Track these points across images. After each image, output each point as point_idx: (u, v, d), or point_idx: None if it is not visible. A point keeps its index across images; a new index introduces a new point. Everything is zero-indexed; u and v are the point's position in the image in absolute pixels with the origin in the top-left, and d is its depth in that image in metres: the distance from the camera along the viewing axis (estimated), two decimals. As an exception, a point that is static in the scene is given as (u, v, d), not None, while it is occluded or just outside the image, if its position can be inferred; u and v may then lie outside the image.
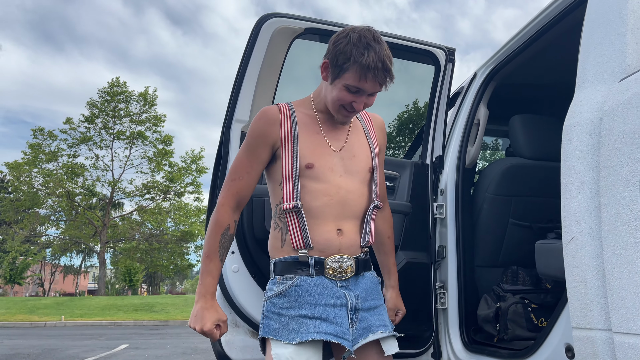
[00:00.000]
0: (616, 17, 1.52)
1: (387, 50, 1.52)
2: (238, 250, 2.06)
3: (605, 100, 1.40)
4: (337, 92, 1.54)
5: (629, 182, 1.24)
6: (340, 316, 1.54)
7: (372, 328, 1.58)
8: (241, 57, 2.15)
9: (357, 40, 1.48)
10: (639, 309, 1.19)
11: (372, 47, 1.47)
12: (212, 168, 2.18)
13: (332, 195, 1.59)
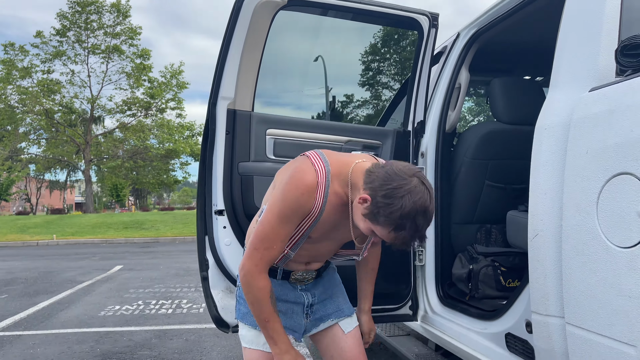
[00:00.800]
0: (593, 20, 1.55)
1: (428, 220, 1.45)
2: (230, 226, 2.19)
3: (574, 108, 1.47)
4: (364, 225, 1.52)
5: (588, 196, 1.36)
6: (296, 312, 1.81)
7: (324, 318, 1.86)
8: (224, 33, 2.13)
9: (406, 213, 1.40)
10: (589, 307, 1.36)
11: (414, 222, 1.42)
12: (201, 143, 2.24)
13: (316, 252, 1.78)
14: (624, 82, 1.33)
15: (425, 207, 1.42)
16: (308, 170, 1.54)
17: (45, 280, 8.44)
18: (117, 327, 5.01)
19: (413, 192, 1.40)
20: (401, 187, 1.40)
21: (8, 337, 4.70)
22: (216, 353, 4.10)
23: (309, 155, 1.60)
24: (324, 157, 1.58)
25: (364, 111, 16.70)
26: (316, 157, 1.58)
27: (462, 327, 2.24)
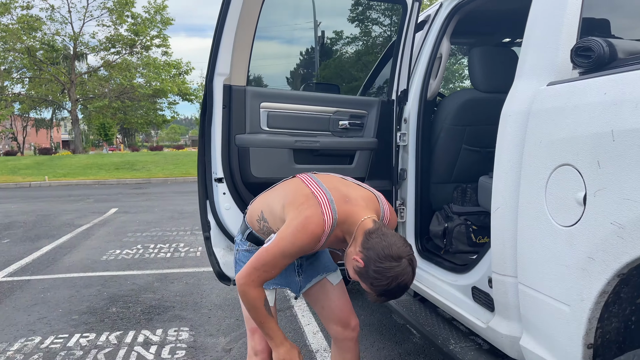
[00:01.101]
0: (555, 18, 1.72)
1: (405, 291, 1.71)
2: (229, 192, 2.41)
3: (533, 99, 1.68)
4: (352, 274, 1.76)
5: (539, 181, 1.59)
6: (289, 271, 2.07)
7: (314, 274, 2.13)
8: (219, 12, 2.25)
9: (390, 290, 1.66)
10: (536, 271, 1.63)
11: (394, 294, 1.69)
12: (200, 116, 2.42)
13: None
14: (574, 82, 1.53)
15: (406, 285, 1.68)
16: (318, 221, 1.73)
17: (44, 224, 8.71)
18: (120, 272, 5.33)
19: (400, 275, 1.64)
20: (391, 269, 1.63)
21: (17, 282, 5.01)
22: (215, 295, 4.45)
23: (320, 203, 1.77)
24: (333, 206, 1.76)
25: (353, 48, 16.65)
26: (327, 206, 1.76)
27: (436, 278, 2.54)
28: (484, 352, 2.11)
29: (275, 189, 2.02)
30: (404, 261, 1.65)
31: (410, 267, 1.67)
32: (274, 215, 1.89)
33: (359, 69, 14.21)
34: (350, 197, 1.83)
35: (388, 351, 3.21)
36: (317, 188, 1.82)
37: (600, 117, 1.36)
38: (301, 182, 1.90)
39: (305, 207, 1.76)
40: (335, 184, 1.89)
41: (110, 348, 3.32)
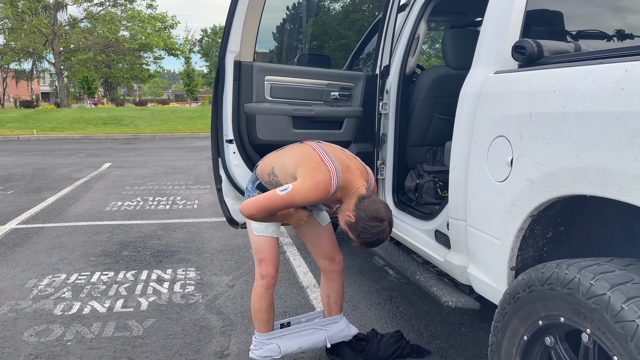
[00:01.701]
0: (504, 16, 2.19)
1: (380, 243, 2.25)
2: (238, 152, 2.89)
3: (483, 84, 2.17)
4: (343, 225, 2.29)
5: (483, 147, 2.10)
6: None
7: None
8: (230, 1, 2.67)
9: (373, 241, 2.22)
10: (479, 215, 2.17)
11: (375, 244, 2.25)
12: (213, 87, 2.87)
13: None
14: (511, 73, 2.02)
15: (384, 239, 2.24)
16: (326, 186, 2.22)
17: (42, 177, 9.09)
18: (126, 221, 5.83)
19: (381, 232, 2.20)
20: (375, 227, 2.18)
21: (32, 228, 5.48)
22: (215, 242, 4.99)
23: (330, 172, 2.24)
24: (339, 175, 2.26)
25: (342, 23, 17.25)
26: (335, 175, 2.24)
27: (408, 224, 3.08)
28: (441, 280, 2.67)
29: (287, 151, 2.49)
30: (385, 222, 2.21)
31: (390, 227, 2.24)
32: (285, 172, 2.37)
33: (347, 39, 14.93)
34: (350, 168, 2.34)
35: (367, 287, 3.80)
36: (327, 158, 2.31)
37: (524, 102, 1.86)
38: (313, 150, 2.37)
39: (318, 172, 2.24)
40: (339, 155, 2.38)
41: (128, 284, 3.85)
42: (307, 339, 2.66)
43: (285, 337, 2.61)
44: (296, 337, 2.64)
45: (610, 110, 1.47)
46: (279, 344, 2.56)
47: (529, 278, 1.69)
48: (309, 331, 2.69)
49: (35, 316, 3.26)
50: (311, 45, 17.64)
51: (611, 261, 1.53)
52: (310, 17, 17.78)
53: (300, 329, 2.69)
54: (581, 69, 1.66)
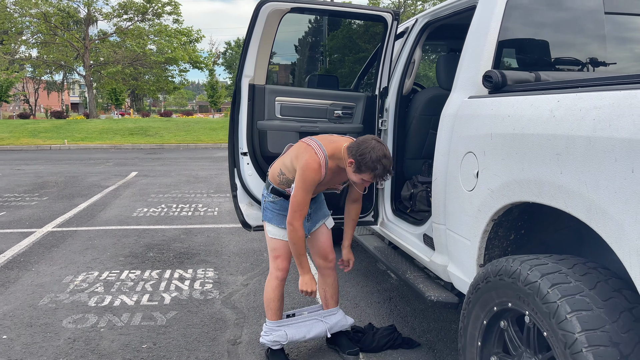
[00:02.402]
0: (478, 47, 2.55)
1: (390, 160, 2.54)
2: (251, 163, 3.29)
3: (459, 107, 2.52)
4: (356, 178, 2.63)
5: (457, 161, 2.45)
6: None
7: (318, 220, 3.02)
8: (246, 31, 3.08)
9: (375, 158, 2.51)
10: (454, 220, 2.51)
11: (381, 163, 2.52)
12: (230, 106, 3.28)
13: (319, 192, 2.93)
14: (480, 99, 2.37)
15: (384, 153, 2.55)
16: (314, 158, 2.63)
17: (74, 184, 9.67)
18: (151, 226, 6.28)
19: (374, 148, 2.54)
20: (366, 147, 2.55)
21: (67, 231, 5.97)
22: (232, 246, 5.39)
23: (312, 146, 2.66)
24: (321, 146, 2.66)
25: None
26: (317, 147, 2.66)
27: (403, 229, 3.42)
28: (428, 278, 3.01)
29: (287, 153, 2.90)
30: (372, 141, 2.56)
31: (380, 143, 2.56)
32: (287, 168, 2.78)
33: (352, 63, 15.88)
34: (334, 139, 2.76)
35: (369, 288, 4.14)
36: (310, 140, 2.74)
37: (487, 124, 2.21)
38: (301, 142, 2.79)
39: (303, 153, 2.66)
40: (324, 137, 2.79)
41: (153, 281, 4.27)
42: (311, 329, 3.02)
43: (292, 325, 2.98)
44: (301, 326, 3.00)
45: (544, 133, 1.82)
46: (286, 331, 2.93)
47: (486, 271, 2.03)
48: (312, 322, 3.05)
49: (72, 307, 3.69)
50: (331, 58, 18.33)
51: (550, 257, 1.87)
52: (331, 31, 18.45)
53: (304, 319, 3.05)
54: (528, 97, 2.01)
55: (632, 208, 1.43)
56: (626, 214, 1.45)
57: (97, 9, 29.55)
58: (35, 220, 6.55)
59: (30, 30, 29.19)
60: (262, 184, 3.32)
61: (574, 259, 1.82)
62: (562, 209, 1.74)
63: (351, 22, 17.79)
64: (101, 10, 29.79)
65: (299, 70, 12.29)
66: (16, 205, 7.61)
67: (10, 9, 27.49)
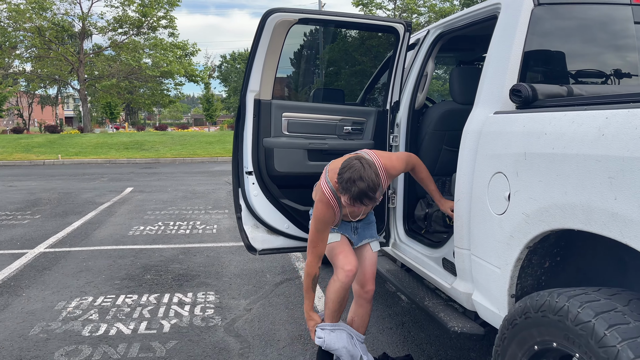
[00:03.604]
0: (503, 61, 2.37)
1: (368, 183, 2.33)
2: (257, 183, 3.09)
3: (484, 123, 2.34)
4: (343, 200, 2.48)
5: (484, 182, 2.27)
6: (347, 228, 2.86)
7: (363, 237, 2.90)
8: (251, 43, 2.90)
9: (348, 179, 2.36)
10: (481, 245, 2.32)
11: (356, 185, 2.34)
12: (235, 122, 3.09)
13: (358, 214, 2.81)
14: (509, 114, 2.19)
15: (360, 175, 2.34)
16: (323, 197, 2.59)
17: (67, 201, 9.42)
18: (148, 245, 6.05)
19: (352, 168, 2.38)
20: (344, 167, 2.41)
21: (60, 252, 5.73)
22: (233, 267, 5.17)
23: (324, 189, 2.59)
24: (329, 181, 2.57)
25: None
26: (324, 184, 2.57)
27: (418, 252, 3.23)
28: (448, 306, 2.80)
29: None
30: (356, 161, 2.40)
31: (361, 163, 2.38)
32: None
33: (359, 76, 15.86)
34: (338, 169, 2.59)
35: (380, 312, 3.92)
36: (322, 178, 2.65)
37: (520, 142, 2.03)
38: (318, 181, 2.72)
39: (317, 195, 2.70)
40: (336, 164, 2.62)
41: (151, 306, 4.03)
42: (348, 348, 2.77)
43: (335, 332, 2.78)
44: (342, 337, 2.77)
45: (592, 153, 1.64)
46: (325, 336, 2.75)
47: (524, 305, 1.83)
48: (353, 341, 2.82)
49: (65, 337, 3.46)
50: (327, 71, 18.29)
51: (598, 291, 1.67)
52: (327, 43, 18.42)
53: (351, 335, 2.84)
54: (569, 114, 1.82)
55: None
56: None
57: (92, 23, 29.46)
58: (26, 240, 6.31)
59: (24, 44, 29.03)
60: (268, 204, 3.13)
61: (627, 294, 1.62)
62: (617, 239, 1.55)
63: (348, 34, 17.79)
64: (96, 24, 29.75)
65: (302, 83, 12.20)
66: (7, 224, 7.36)
67: (4, 23, 27.37)
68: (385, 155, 2.73)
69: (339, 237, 2.81)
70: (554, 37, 2.51)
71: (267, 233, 3.22)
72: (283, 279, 4.75)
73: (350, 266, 2.69)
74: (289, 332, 3.55)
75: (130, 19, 29.14)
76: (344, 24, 3.18)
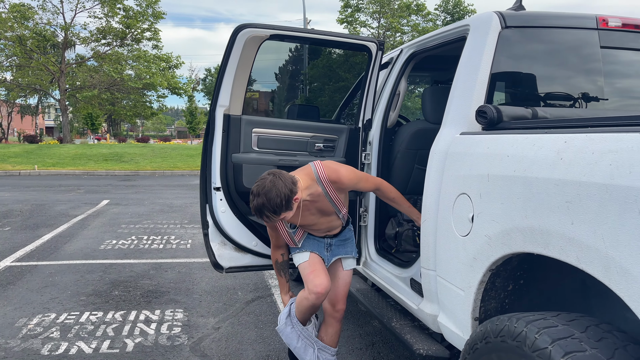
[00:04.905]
0: (470, 82, 2.38)
1: (263, 201, 2.36)
2: (225, 199, 3.03)
3: (450, 143, 2.33)
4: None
5: (449, 203, 2.25)
6: (321, 246, 2.86)
7: (337, 254, 2.88)
8: (222, 58, 2.87)
9: (251, 192, 2.42)
10: (446, 266, 2.29)
11: (254, 200, 2.40)
12: (203, 137, 3.04)
13: (318, 227, 2.81)
14: (474, 135, 2.19)
15: (260, 191, 2.37)
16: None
17: (40, 214, 9.21)
18: (119, 260, 5.92)
19: (260, 183, 2.40)
20: (258, 179, 2.44)
21: (26, 266, 5.57)
22: (205, 283, 5.07)
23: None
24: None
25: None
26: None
27: (387, 271, 3.19)
28: (415, 327, 2.76)
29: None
30: (269, 176, 2.42)
31: (270, 180, 2.39)
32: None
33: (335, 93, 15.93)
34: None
35: (350, 332, 3.87)
36: None
37: (483, 163, 2.01)
38: None
39: None
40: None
41: (116, 324, 3.92)
42: (300, 347, 2.82)
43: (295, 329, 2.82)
44: (298, 334, 2.83)
45: (551, 177, 1.63)
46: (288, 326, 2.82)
47: (485, 330, 1.80)
48: (306, 341, 2.83)
49: (22, 356, 3.33)
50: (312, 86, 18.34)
51: (557, 316, 1.65)
52: (312, 59, 18.49)
53: (306, 332, 2.84)
54: (530, 137, 1.82)
55: (664, 270, 1.23)
56: (656, 277, 1.25)
57: (74, 34, 29.21)
58: (-7, 253, 6.12)
59: (5, 52, 28.63)
60: (236, 221, 3.07)
61: (585, 320, 1.60)
62: (573, 264, 1.53)
63: (333, 51, 17.89)
64: (79, 34, 29.47)
65: (278, 99, 12.21)
66: (-25, 236, 7.15)
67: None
68: (332, 166, 2.67)
69: (307, 257, 2.78)
70: (521, 60, 2.52)
71: (235, 250, 3.16)
72: (255, 296, 4.67)
73: (321, 288, 2.64)
74: (257, 352, 3.47)
75: (113, 30, 28.99)
76: (316, 41, 3.17)
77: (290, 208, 2.42)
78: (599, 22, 2.54)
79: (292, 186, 2.41)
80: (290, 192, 2.39)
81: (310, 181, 2.58)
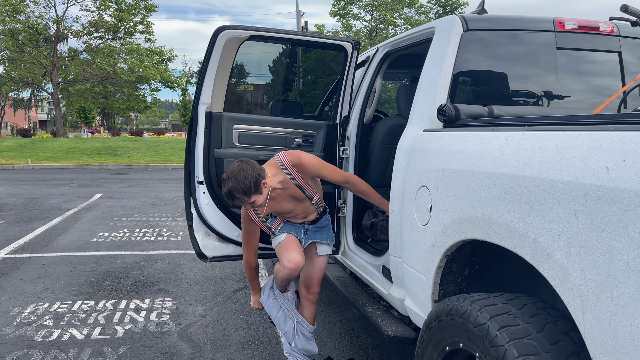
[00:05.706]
0: (434, 81, 2.54)
1: (233, 184, 2.52)
2: (207, 192, 3.20)
3: (414, 139, 2.51)
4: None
5: (412, 195, 2.42)
6: (298, 230, 3.02)
7: (313, 238, 3.06)
8: (203, 57, 3.03)
9: (222, 179, 2.61)
10: (410, 253, 2.47)
11: (225, 184, 2.57)
12: (187, 134, 3.20)
13: (294, 213, 2.96)
14: (434, 132, 2.36)
15: (228, 176, 2.55)
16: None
17: (34, 207, 9.35)
18: (111, 252, 6.08)
19: (229, 169, 2.59)
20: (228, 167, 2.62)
21: (20, 258, 5.72)
22: (194, 273, 5.24)
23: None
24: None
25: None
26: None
27: (363, 260, 3.37)
28: (386, 311, 2.95)
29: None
30: (238, 162, 2.60)
31: (238, 165, 2.57)
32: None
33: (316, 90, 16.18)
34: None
35: (332, 318, 4.06)
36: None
37: (440, 158, 2.19)
38: None
39: None
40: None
41: (107, 312, 4.09)
42: (280, 317, 3.06)
43: (277, 300, 3.07)
44: (279, 306, 3.07)
45: (493, 171, 1.80)
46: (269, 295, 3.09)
47: (438, 310, 1.99)
48: (287, 313, 3.07)
49: (17, 342, 3.50)
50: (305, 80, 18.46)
51: (500, 296, 1.83)
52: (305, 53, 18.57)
53: (287, 304, 3.08)
54: (479, 134, 1.99)
55: (575, 252, 1.41)
56: (569, 258, 1.43)
57: (66, 27, 29.15)
58: (-13, 245, 6.27)
59: (-3, 46, 28.60)
60: (219, 213, 3.24)
61: (523, 299, 1.79)
62: (510, 248, 1.71)
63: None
64: (71, 27, 29.41)
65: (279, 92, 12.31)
66: (-31, 229, 7.29)
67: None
68: (295, 152, 2.84)
69: (284, 237, 2.96)
70: (482, 61, 2.69)
71: (218, 241, 3.33)
72: (242, 285, 4.85)
73: (294, 264, 2.82)
74: (241, 337, 3.65)
75: (106, 23, 28.95)
76: (294, 42, 3.33)
77: (259, 192, 2.58)
78: (556, 24, 2.71)
79: (260, 171, 2.59)
80: (258, 176, 2.57)
81: (277, 169, 2.76)
